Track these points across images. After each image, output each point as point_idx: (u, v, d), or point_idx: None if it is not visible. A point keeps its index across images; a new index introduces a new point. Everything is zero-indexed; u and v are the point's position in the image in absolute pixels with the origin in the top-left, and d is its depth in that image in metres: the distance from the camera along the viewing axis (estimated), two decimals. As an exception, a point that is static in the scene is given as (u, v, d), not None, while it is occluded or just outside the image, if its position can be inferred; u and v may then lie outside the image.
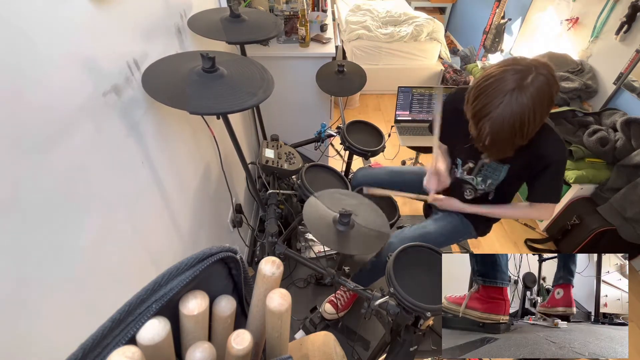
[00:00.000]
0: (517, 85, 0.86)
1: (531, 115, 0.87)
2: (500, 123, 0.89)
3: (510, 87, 0.86)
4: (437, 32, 3.31)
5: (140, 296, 0.35)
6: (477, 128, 0.94)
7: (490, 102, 0.89)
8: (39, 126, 0.53)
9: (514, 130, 0.89)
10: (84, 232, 0.62)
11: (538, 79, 0.86)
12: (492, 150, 0.99)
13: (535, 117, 0.88)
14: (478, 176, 1.21)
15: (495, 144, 0.95)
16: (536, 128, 0.93)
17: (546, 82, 0.86)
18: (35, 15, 0.52)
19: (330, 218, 1.04)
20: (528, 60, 0.89)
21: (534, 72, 0.86)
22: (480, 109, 0.91)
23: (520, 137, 0.92)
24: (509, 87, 0.86)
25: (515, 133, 0.90)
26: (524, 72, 0.86)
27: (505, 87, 0.87)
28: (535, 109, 0.87)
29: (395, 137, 2.15)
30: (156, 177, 0.92)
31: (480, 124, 0.93)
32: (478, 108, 0.92)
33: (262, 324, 0.46)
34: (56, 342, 0.54)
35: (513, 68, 0.87)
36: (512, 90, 0.86)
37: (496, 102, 0.88)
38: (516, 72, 0.87)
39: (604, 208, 1.89)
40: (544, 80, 0.86)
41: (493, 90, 0.88)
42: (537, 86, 0.86)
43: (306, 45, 1.86)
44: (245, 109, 0.83)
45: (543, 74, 0.86)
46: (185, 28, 1.15)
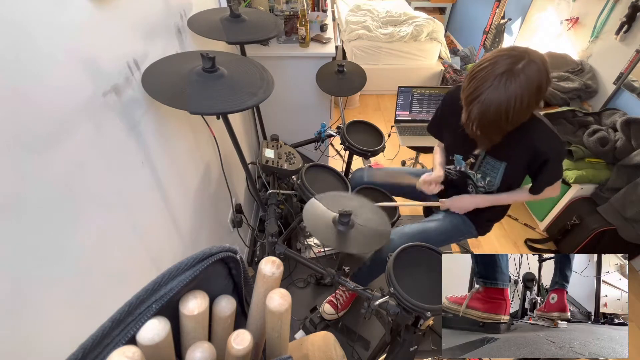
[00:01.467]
0: (508, 69, 0.87)
1: (518, 100, 0.88)
2: (487, 106, 0.90)
3: (501, 71, 0.87)
4: (437, 32, 3.31)
5: (140, 296, 0.35)
6: (467, 111, 0.96)
7: (480, 85, 0.90)
8: (39, 126, 0.53)
9: (499, 114, 0.90)
10: (84, 232, 0.62)
11: (529, 66, 0.87)
12: (480, 135, 0.99)
13: (522, 103, 0.89)
14: (478, 172, 1.22)
15: (482, 128, 0.96)
16: (524, 115, 0.94)
17: (537, 70, 0.87)
18: (36, 15, 0.52)
19: (330, 218, 1.04)
20: (524, 48, 0.91)
21: (526, 58, 0.87)
22: (471, 92, 0.93)
23: (506, 122, 0.93)
24: (499, 71, 0.88)
25: (501, 117, 0.91)
26: (516, 58, 0.88)
27: (496, 71, 0.88)
28: (523, 95, 0.88)
29: (395, 137, 2.16)
30: (156, 177, 0.92)
31: (470, 107, 0.94)
32: (469, 92, 0.93)
33: (262, 324, 0.46)
34: (56, 342, 0.54)
35: (507, 54, 0.89)
36: (502, 74, 0.87)
37: (486, 85, 0.89)
38: (509, 57, 0.88)
39: (604, 208, 1.89)
40: (535, 67, 0.87)
41: (485, 74, 0.90)
42: (528, 73, 0.87)
43: (306, 45, 1.86)
44: (245, 109, 0.83)
45: (535, 62, 0.87)
46: (185, 28, 1.15)
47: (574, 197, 2.05)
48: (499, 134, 0.99)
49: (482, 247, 2.20)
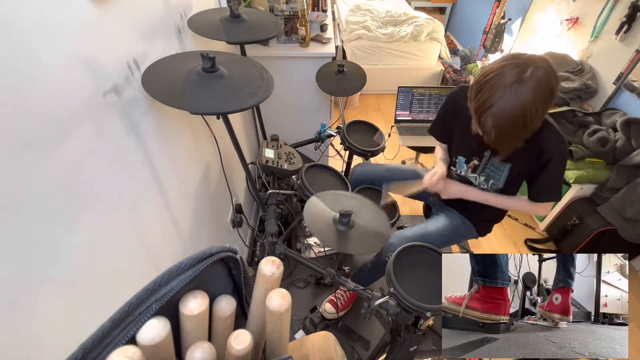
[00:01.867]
0: (517, 79, 0.87)
1: (532, 107, 0.88)
2: (501, 116, 0.90)
3: (510, 81, 0.87)
4: (437, 32, 3.31)
5: (140, 296, 0.35)
6: (481, 123, 0.96)
7: (491, 96, 0.90)
8: (39, 126, 0.53)
9: (516, 123, 0.90)
10: (84, 232, 0.62)
11: (537, 72, 0.87)
12: (500, 144, 0.99)
13: (537, 109, 0.89)
14: (481, 175, 1.21)
15: (501, 138, 0.96)
16: (540, 120, 0.94)
17: (545, 75, 0.87)
18: (36, 15, 0.52)
19: (330, 218, 1.04)
20: (527, 55, 0.91)
21: (532, 65, 0.87)
22: (482, 103, 0.92)
23: (524, 129, 0.93)
24: (508, 81, 0.87)
25: (518, 125, 0.91)
26: (523, 66, 0.88)
27: (505, 81, 0.88)
28: (536, 101, 0.88)
29: (395, 137, 2.16)
30: (156, 177, 0.92)
31: (483, 119, 0.94)
32: (479, 103, 0.93)
33: (262, 324, 0.46)
34: (56, 342, 0.54)
35: (512, 63, 0.89)
36: (511, 84, 0.87)
37: (497, 95, 0.89)
38: (515, 66, 0.88)
39: (604, 208, 1.89)
40: (542, 73, 0.87)
41: (493, 84, 0.89)
42: (537, 79, 0.87)
43: (306, 45, 1.86)
44: (245, 109, 0.83)
45: (542, 67, 0.88)
46: (185, 28, 1.15)
47: (574, 197, 2.05)
48: (519, 140, 0.99)
49: (482, 247, 2.20)
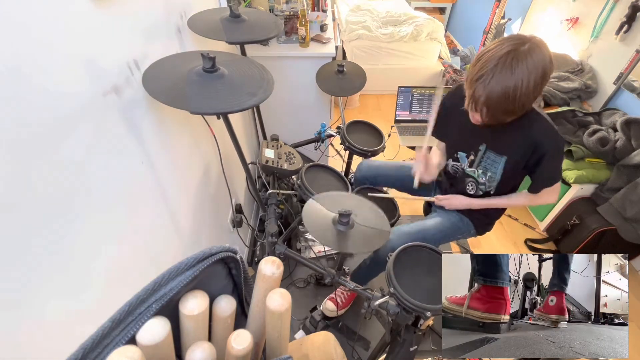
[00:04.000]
0: (513, 49, 0.89)
1: (524, 81, 0.89)
2: (492, 85, 0.91)
3: (506, 51, 0.89)
4: (437, 32, 3.31)
5: (140, 296, 0.35)
6: (472, 92, 0.97)
7: (485, 64, 0.92)
8: (39, 126, 0.53)
9: (507, 95, 0.91)
10: (83, 232, 0.62)
11: (534, 50, 0.89)
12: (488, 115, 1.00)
13: (529, 85, 0.90)
14: (479, 168, 1.23)
15: (489, 107, 0.97)
16: (529, 100, 0.95)
17: (541, 54, 0.89)
18: (36, 15, 0.52)
19: (329, 218, 1.04)
20: (529, 35, 0.93)
21: (530, 42, 0.90)
22: (476, 72, 0.94)
23: (513, 103, 0.93)
24: (504, 51, 0.90)
25: (508, 98, 0.92)
26: (521, 41, 0.90)
27: (501, 52, 0.90)
28: (528, 75, 0.89)
29: (395, 137, 2.15)
30: (156, 177, 0.92)
31: (475, 86, 0.95)
32: (474, 73, 0.95)
33: (262, 324, 0.46)
34: (56, 342, 0.54)
35: (511, 37, 0.92)
36: (507, 53, 0.89)
37: (491, 64, 0.91)
38: (513, 39, 0.91)
39: (604, 208, 1.89)
40: (539, 51, 0.89)
41: (490, 56, 0.92)
42: (533, 55, 0.89)
43: (306, 45, 1.86)
44: (245, 109, 0.83)
45: (539, 47, 0.90)
46: (185, 28, 1.15)
47: (574, 197, 2.05)
48: (507, 115, 0.99)
49: (482, 247, 2.20)
